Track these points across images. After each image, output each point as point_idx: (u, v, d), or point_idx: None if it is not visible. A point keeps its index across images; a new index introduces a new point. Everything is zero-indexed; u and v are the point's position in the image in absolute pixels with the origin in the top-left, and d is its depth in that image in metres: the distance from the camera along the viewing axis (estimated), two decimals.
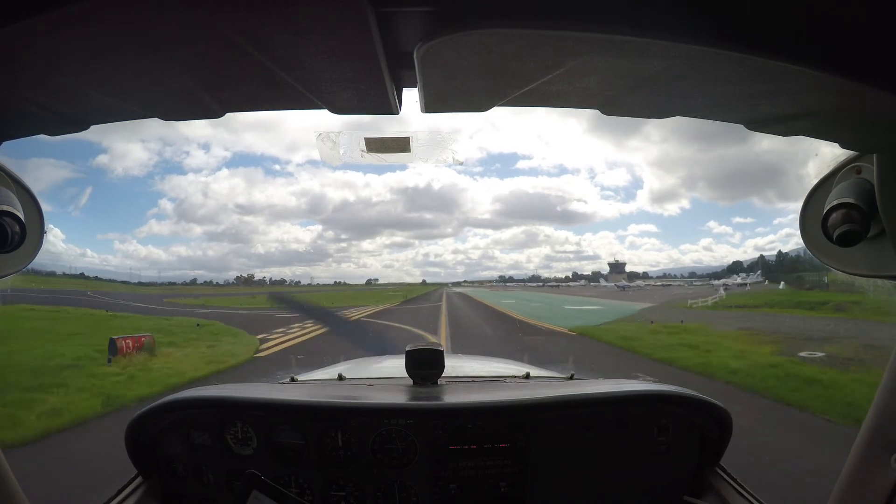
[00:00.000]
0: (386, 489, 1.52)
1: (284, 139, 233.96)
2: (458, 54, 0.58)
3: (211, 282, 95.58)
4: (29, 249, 0.89)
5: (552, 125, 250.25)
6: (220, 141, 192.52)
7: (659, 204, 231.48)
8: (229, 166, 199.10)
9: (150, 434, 1.57)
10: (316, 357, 5.83)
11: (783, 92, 0.63)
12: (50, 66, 0.59)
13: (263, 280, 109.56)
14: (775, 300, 27.28)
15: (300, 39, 0.56)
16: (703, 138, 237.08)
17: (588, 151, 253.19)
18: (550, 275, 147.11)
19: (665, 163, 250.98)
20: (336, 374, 2.08)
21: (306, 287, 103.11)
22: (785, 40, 0.55)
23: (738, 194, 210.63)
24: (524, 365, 2.62)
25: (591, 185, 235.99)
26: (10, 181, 0.86)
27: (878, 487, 0.91)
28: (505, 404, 1.56)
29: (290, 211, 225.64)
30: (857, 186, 0.82)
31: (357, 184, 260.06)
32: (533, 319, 22.76)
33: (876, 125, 0.72)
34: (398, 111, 0.72)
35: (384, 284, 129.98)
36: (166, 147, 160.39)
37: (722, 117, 0.74)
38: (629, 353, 12.68)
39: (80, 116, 0.73)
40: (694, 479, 1.64)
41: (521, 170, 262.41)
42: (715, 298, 33.30)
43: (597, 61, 0.60)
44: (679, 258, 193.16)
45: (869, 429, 0.95)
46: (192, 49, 0.58)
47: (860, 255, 0.86)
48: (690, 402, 1.60)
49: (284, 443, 1.53)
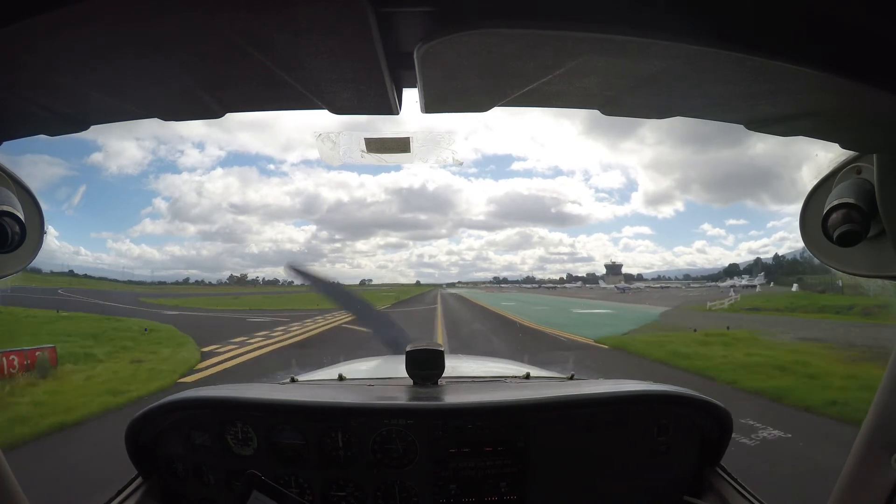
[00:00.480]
0: (386, 489, 1.52)
1: (279, 139, 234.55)
2: (458, 54, 0.58)
3: (202, 281, 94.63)
4: (29, 249, 0.89)
5: (547, 127, 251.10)
6: (215, 140, 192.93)
7: (653, 206, 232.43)
8: (224, 165, 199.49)
9: (151, 434, 1.57)
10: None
11: (783, 92, 0.63)
12: (50, 66, 0.59)
13: (256, 280, 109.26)
14: (796, 304, 26.05)
15: (300, 39, 0.56)
16: (698, 141, 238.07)
17: (583, 153, 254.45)
18: (545, 276, 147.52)
19: (659, 165, 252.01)
20: (336, 374, 2.08)
21: (298, 287, 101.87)
22: (785, 40, 0.55)
23: (732, 197, 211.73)
24: (524, 365, 2.62)
25: (585, 187, 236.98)
26: (10, 181, 0.86)
27: (878, 487, 0.91)
28: (505, 404, 1.56)
29: (284, 211, 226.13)
30: (857, 186, 0.82)
31: (351, 184, 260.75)
32: (544, 326, 19.97)
33: (876, 125, 0.72)
34: (398, 111, 0.72)
35: (378, 285, 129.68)
36: (161, 146, 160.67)
37: (722, 117, 0.74)
38: (702, 378, 9.21)
39: (80, 116, 0.73)
40: (694, 479, 1.64)
41: (516, 171, 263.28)
42: (731, 300, 32.66)
43: (597, 61, 0.60)
44: (673, 260, 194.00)
45: (869, 429, 0.95)
46: (192, 49, 0.58)
47: (860, 255, 0.86)
48: (690, 402, 1.60)
49: (284, 443, 1.53)
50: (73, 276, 53.26)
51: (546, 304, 40.81)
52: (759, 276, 53.30)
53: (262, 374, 8.94)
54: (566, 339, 16.37)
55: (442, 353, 1.81)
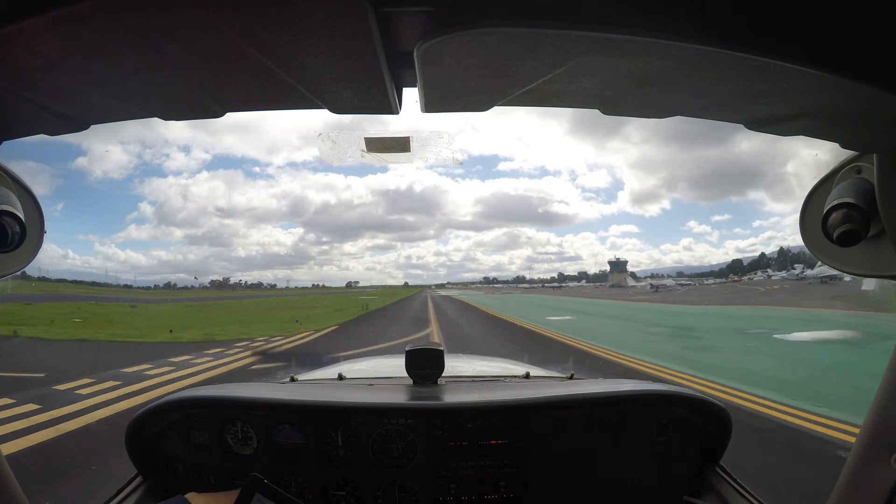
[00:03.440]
0: (386, 489, 1.52)
1: (264, 141, 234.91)
2: (458, 54, 0.58)
3: (173, 285, 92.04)
4: (29, 249, 0.89)
5: (533, 126, 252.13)
6: (201, 143, 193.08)
7: (640, 205, 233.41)
8: (209, 168, 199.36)
9: (150, 434, 1.57)
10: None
11: (783, 92, 0.63)
12: (50, 66, 0.59)
13: (239, 283, 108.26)
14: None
15: (300, 39, 0.55)
16: (684, 139, 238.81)
17: (569, 153, 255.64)
18: (533, 276, 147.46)
19: (645, 164, 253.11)
20: (336, 373, 2.08)
21: (282, 290, 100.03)
22: (785, 40, 0.55)
23: (718, 194, 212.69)
24: (524, 365, 2.62)
25: (572, 187, 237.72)
26: (10, 181, 0.86)
27: (878, 487, 0.91)
28: (505, 404, 1.56)
29: (270, 213, 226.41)
30: (857, 186, 0.82)
31: (338, 186, 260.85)
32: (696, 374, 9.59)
33: (876, 125, 0.72)
34: (398, 111, 0.72)
35: (364, 287, 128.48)
36: (146, 149, 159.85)
37: (721, 117, 0.74)
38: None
39: (80, 116, 0.73)
40: (694, 479, 1.64)
41: (503, 171, 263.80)
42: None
43: (597, 61, 0.60)
44: (660, 258, 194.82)
45: (869, 429, 0.95)
46: (192, 49, 0.58)
47: (860, 254, 0.86)
48: (690, 401, 1.60)
49: (284, 442, 1.53)
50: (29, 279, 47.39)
51: (577, 309, 30.27)
52: (800, 268, 48.38)
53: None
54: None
55: (442, 352, 1.81)
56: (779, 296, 32.97)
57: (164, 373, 10.82)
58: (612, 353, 13.00)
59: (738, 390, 8.07)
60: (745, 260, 71.58)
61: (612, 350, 13.64)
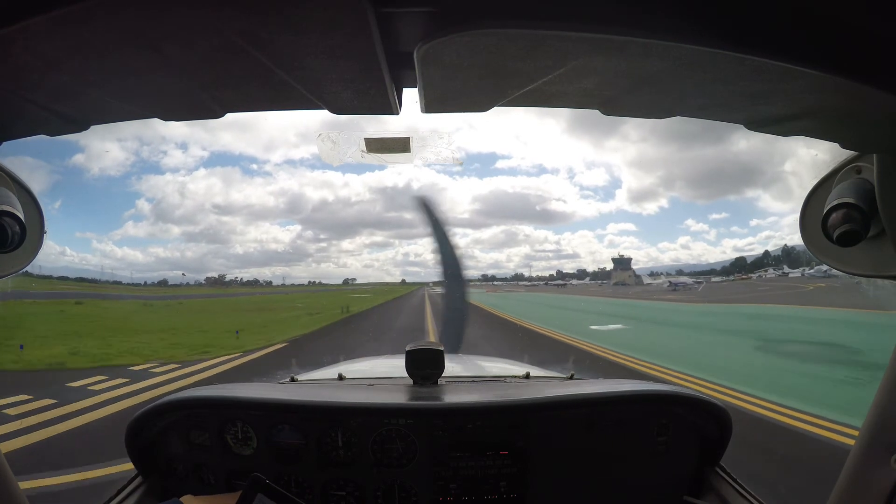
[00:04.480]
0: (386, 489, 1.52)
1: (262, 138, 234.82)
2: (458, 54, 0.58)
3: (165, 282, 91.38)
4: (29, 249, 0.89)
5: (531, 125, 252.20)
6: (198, 140, 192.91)
7: (637, 203, 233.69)
8: (207, 166, 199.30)
9: (150, 434, 1.57)
10: None
11: (783, 92, 0.63)
12: (50, 66, 0.59)
13: (235, 280, 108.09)
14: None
15: (300, 39, 0.55)
16: (682, 138, 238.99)
17: (567, 151, 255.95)
18: (531, 273, 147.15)
19: (643, 162, 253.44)
20: (336, 373, 2.08)
21: (276, 288, 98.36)
22: (785, 40, 0.55)
23: (715, 193, 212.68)
24: (524, 365, 2.62)
25: (570, 185, 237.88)
26: (10, 181, 0.86)
27: (878, 487, 0.91)
28: (505, 404, 1.56)
29: (268, 211, 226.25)
30: (857, 186, 0.82)
31: (336, 183, 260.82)
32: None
33: (876, 125, 0.72)
34: (398, 111, 0.72)
35: (360, 284, 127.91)
36: (144, 146, 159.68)
37: (722, 117, 0.74)
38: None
39: (80, 116, 0.72)
40: (694, 479, 1.64)
41: (501, 169, 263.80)
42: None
43: (597, 61, 0.60)
44: (658, 256, 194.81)
45: (869, 429, 0.95)
46: (192, 49, 0.58)
47: (860, 255, 0.86)
48: (690, 402, 1.60)
49: (284, 443, 1.53)
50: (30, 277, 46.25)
51: (614, 311, 23.12)
52: (812, 267, 45.69)
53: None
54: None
55: (441, 352, 1.81)
56: (819, 295, 26.16)
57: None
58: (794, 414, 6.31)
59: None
60: (748, 258, 71.55)
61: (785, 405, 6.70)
